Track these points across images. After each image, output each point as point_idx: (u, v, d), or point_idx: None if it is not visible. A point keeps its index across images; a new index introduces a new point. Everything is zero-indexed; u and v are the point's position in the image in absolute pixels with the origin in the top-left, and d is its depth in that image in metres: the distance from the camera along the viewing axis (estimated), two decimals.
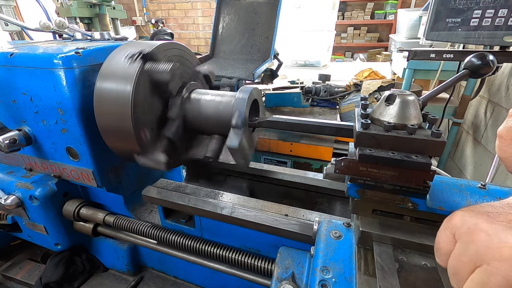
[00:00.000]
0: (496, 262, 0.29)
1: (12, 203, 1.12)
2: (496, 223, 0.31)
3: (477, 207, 0.36)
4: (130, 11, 7.92)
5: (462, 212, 0.36)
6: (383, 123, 0.60)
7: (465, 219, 0.35)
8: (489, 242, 0.30)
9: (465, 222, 0.34)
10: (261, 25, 1.96)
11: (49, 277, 1.25)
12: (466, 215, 0.35)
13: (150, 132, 0.92)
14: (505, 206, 0.34)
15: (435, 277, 0.56)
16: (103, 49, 1.00)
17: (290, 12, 3.67)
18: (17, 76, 0.96)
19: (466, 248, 0.33)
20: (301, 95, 2.33)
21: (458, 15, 1.38)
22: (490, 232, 0.31)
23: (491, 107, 2.10)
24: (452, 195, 0.65)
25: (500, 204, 0.35)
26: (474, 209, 0.35)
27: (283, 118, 0.94)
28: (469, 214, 0.35)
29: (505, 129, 0.40)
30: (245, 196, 1.08)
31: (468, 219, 0.34)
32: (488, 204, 0.36)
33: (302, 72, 3.68)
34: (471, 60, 0.73)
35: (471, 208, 0.36)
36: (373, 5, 6.62)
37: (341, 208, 1.17)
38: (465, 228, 0.34)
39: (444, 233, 0.37)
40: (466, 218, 0.34)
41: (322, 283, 0.61)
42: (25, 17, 3.88)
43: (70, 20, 2.44)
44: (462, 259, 0.33)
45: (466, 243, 0.33)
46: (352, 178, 0.63)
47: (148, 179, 1.36)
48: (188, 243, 1.06)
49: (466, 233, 0.33)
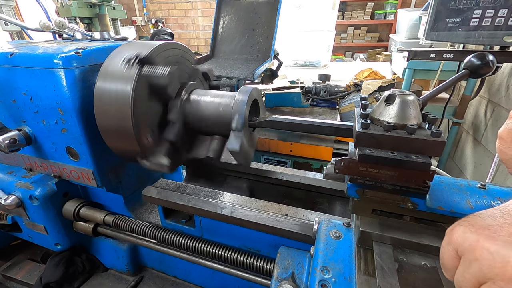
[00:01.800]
0: (500, 281, 0.29)
1: (12, 203, 1.12)
2: (497, 239, 0.31)
3: (478, 220, 0.35)
4: (130, 11, 7.92)
5: (462, 227, 0.35)
6: (383, 123, 0.60)
7: (466, 235, 0.34)
8: (492, 261, 0.30)
9: (466, 238, 0.34)
10: (261, 25, 1.96)
11: (49, 277, 1.25)
12: (467, 231, 0.34)
13: (151, 135, 0.92)
14: (505, 215, 0.34)
15: (435, 277, 0.56)
16: (103, 49, 1.01)
17: (290, 12, 3.67)
18: (17, 76, 0.96)
19: (469, 265, 0.33)
20: (301, 95, 2.34)
21: (458, 15, 1.38)
22: (492, 250, 0.30)
23: (491, 107, 2.10)
24: (452, 195, 0.65)
25: (500, 213, 0.34)
26: (475, 223, 0.35)
27: (283, 118, 0.94)
28: (469, 230, 0.34)
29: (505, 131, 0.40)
30: (245, 196, 1.08)
31: (470, 235, 0.34)
32: (488, 214, 0.35)
33: (302, 72, 3.68)
34: (470, 60, 0.73)
35: (471, 222, 0.35)
36: (373, 5, 6.62)
37: (341, 208, 1.17)
38: (467, 245, 0.33)
39: (447, 249, 0.37)
40: (467, 235, 0.34)
41: (322, 283, 0.61)
42: (25, 17, 3.88)
43: (70, 20, 2.43)
44: (466, 276, 0.33)
45: (469, 261, 0.33)
46: (352, 178, 0.63)
47: (148, 179, 1.36)
48: (188, 243, 1.06)
49: (469, 250, 0.33)
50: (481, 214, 0.36)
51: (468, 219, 0.36)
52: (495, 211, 0.35)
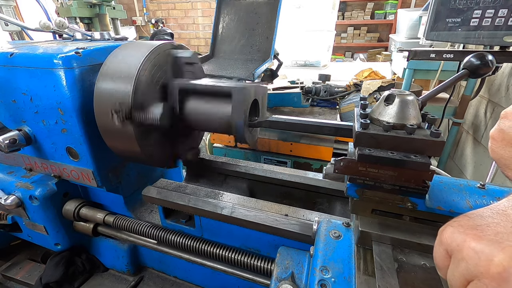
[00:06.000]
0: (485, 279, 0.30)
1: (12, 203, 1.12)
2: (483, 239, 0.32)
3: (467, 220, 0.36)
4: (130, 11, 7.92)
5: (452, 228, 0.37)
6: (382, 123, 0.60)
7: (454, 235, 0.35)
8: (477, 260, 0.31)
9: (454, 239, 0.35)
10: (261, 25, 1.96)
11: (49, 277, 1.25)
12: (455, 231, 0.36)
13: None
14: (494, 215, 0.35)
15: (434, 277, 0.56)
16: (103, 49, 1.01)
17: (290, 12, 3.66)
18: (17, 76, 0.97)
19: (458, 264, 0.34)
20: (301, 95, 2.33)
21: (458, 15, 1.38)
22: (477, 250, 0.32)
23: (491, 107, 2.10)
24: (451, 195, 0.65)
25: (490, 213, 0.35)
26: (464, 224, 0.36)
27: (283, 118, 0.94)
28: (458, 230, 0.35)
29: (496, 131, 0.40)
30: (245, 196, 1.08)
31: (457, 235, 0.35)
32: (478, 214, 0.36)
33: (302, 72, 3.68)
34: (470, 60, 0.73)
35: (461, 222, 0.36)
36: (373, 5, 6.61)
37: (341, 208, 1.17)
38: (455, 245, 0.35)
39: (438, 248, 0.38)
40: (456, 235, 0.35)
41: (322, 283, 0.61)
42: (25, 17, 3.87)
43: (70, 20, 2.44)
44: (456, 275, 0.34)
45: (457, 260, 0.34)
46: (352, 178, 0.63)
47: (148, 179, 1.36)
48: (188, 243, 1.06)
49: (457, 250, 0.34)
50: (471, 214, 0.37)
51: (458, 219, 0.37)
52: (485, 210, 0.36)
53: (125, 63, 0.87)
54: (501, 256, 0.29)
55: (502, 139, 0.39)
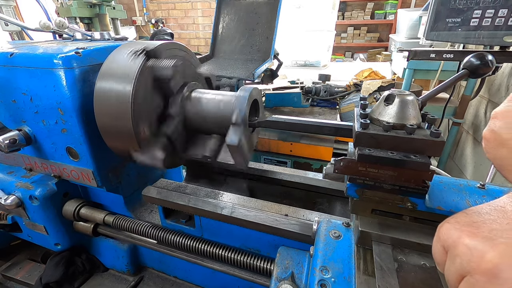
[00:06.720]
0: (477, 275, 0.31)
1: (12, 203, 1.12)
2: (478, 236, 0.33)
3: (464, 216, 0.37)
4: (130, 11, 7.92)
5: (449, 224, 0.37)
6: (382, 123, 0.60)
7: (451, 232, 0.36)
8: (470, 256, 0.32)
9: (450, 235, 0.36)
10: (261, 25, 1.96)
11: (49, 277, 1.25)
12: (452, 228, 0.36)
13: (149, 128, 0.92)
14: (492, 211, 0.35)
15: (434, 276, 0.56)
16: (103, 49, 1.01)
17: (290, 12, 3.66)
18: (17, 76, 0.97)
19: (453, 260, 0.35)
20: (301, 95, 2.33)
21: (458, 15, 1.38)
22: (470, 246, 0.32)
23: (491, 107, 2.10)
24: (451, 195, 0.65)
25: (488, 209, 0.36)
26: (461, 221, 0.36)
27: (283, 118, 0.94)
28: (454, 227, 0.36)
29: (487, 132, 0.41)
30: (245, 196, 1.08)
31: (453, 232, 0.36)
32: (475, 211, 0.36)
33: (302, 72, 3.68)
34: (470, 60, 0.73)
35: (458, 219, 0.37)
36: (373, 5, 6.62)
37: (341, 208, 1.17)
38: (451, 241, 0.35)
39: (436, 244, 0.39)
40: (452, 231, 0.36)
41: (321, 283, 0.61)
42: (25, 17, 3.87)
43: (70, 20, 2.43)
44: (451, 270, 0.35)
45: (453, 256, 0.35)
46: (351, 178, 0.63)
47: (148, 179, 1.36)
48: (188, 243, 1.06)
49: (453, 246, 0.35)
50: (468, 211, 0.37)
51: (455, 216, 0.38)
52: (484, 207, 0.37)
53: (125, 63, 0.87)
54: (492, 253, 0.30)
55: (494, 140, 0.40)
